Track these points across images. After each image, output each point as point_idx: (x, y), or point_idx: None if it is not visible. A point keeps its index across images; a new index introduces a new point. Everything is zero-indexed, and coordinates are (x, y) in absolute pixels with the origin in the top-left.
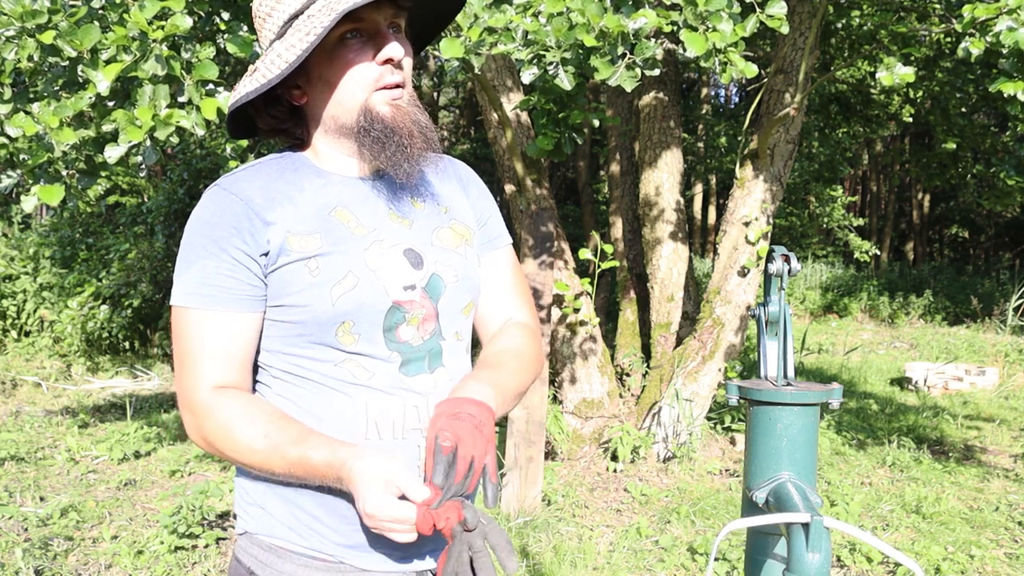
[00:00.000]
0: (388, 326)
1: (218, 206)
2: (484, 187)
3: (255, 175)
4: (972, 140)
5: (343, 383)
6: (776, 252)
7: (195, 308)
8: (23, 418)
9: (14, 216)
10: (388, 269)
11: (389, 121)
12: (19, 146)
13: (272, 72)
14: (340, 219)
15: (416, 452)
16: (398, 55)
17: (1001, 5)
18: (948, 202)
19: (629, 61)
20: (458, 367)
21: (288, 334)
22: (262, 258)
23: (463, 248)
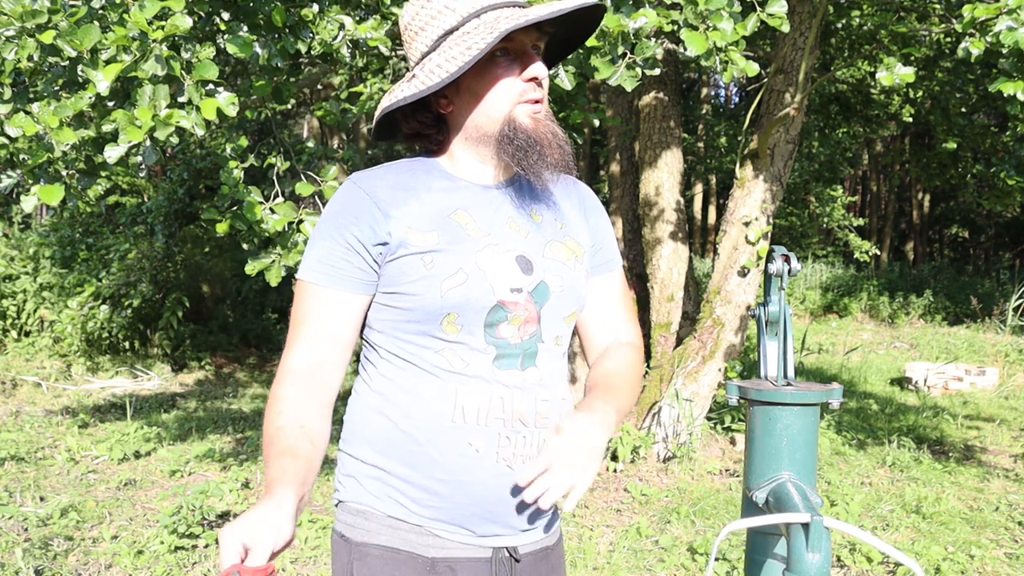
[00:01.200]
0: (490, 322)
1: (345, 197)
2: (604, 212)
3: (386, 172)
4: (972, 140)
5: (440, 369)
6: (776, 252)
7: (309, 282)
8: (23, 418)
9: (14, 216)
10: (498, 271)
11: (531, 132)
12: (19, 146)
13: (432, 80)
14: (459, 221)
15: (496, 439)
16: (542, 75)
17: (1001, 5)
18: (948, 202)
19: (629, 61)
20: (551, 369)
21: (398, 319)
22: (378, 247)
23: (572, 262)
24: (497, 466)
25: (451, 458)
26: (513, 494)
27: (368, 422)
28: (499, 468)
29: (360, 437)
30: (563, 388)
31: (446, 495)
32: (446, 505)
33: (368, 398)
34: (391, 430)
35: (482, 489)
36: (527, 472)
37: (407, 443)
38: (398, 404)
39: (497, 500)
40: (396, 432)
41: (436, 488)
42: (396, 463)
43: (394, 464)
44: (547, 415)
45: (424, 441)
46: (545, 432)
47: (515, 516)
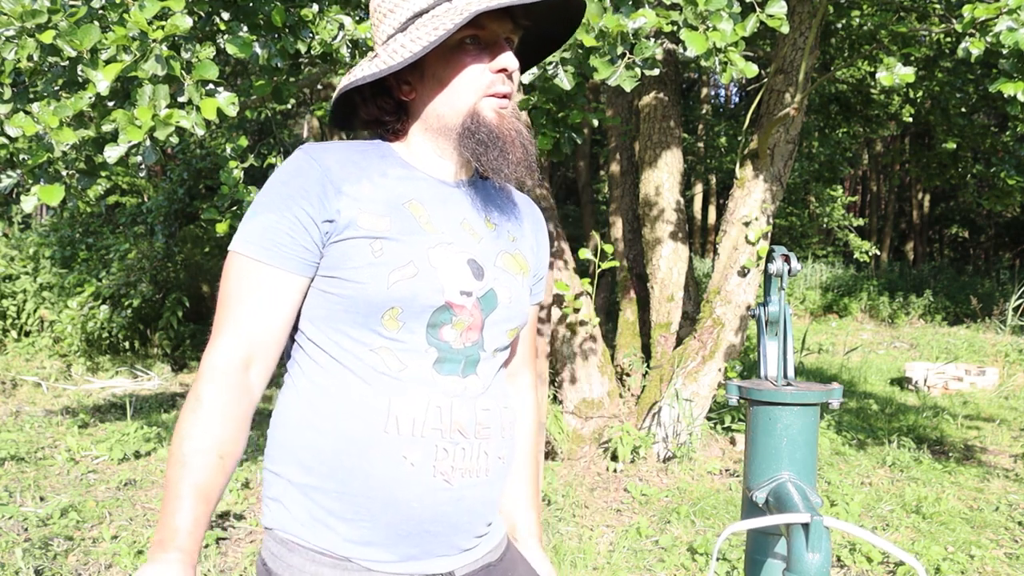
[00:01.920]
0: (433, 322)
1: (295, 167)
2: (548, 240)
3: (341, 148)
4: (972, 140)
5: (373, 372)
6: (776, 252)
7: (247, 256)
8: (23, 418)
9: (14, 216)
10: (449, 270)
11: (495, 127)
12: (19, 146)
13: (394, 60)
14: (413, 212)
15: (433, 451)
16: (511, 66)
17: (1001, 5)
18: (948, 202)
19: (629, 61)
20: (491, 381)
21: (335, 308)
22: (325, 224)
23: (520, 278)
24: (434, 481)
25: (383, 472)
26: (451, 511)
27: (296, 436)
28: (436, 483)
29: (288, 454)
30: (504, 398)
31: (378, 513)
32: (378, 525)
33: (296, 410)
34: (320, 443)
35: (418, 506)
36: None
37: (336, 456)
38: (327, 414)
39: (433, 518)
40: (325, 445)
41: (368, 506)
42: (325, 479)
43: (323, 480)
44: (488, 425)
45: (355, 454)
46: (485, 444)
47: (453, 535)
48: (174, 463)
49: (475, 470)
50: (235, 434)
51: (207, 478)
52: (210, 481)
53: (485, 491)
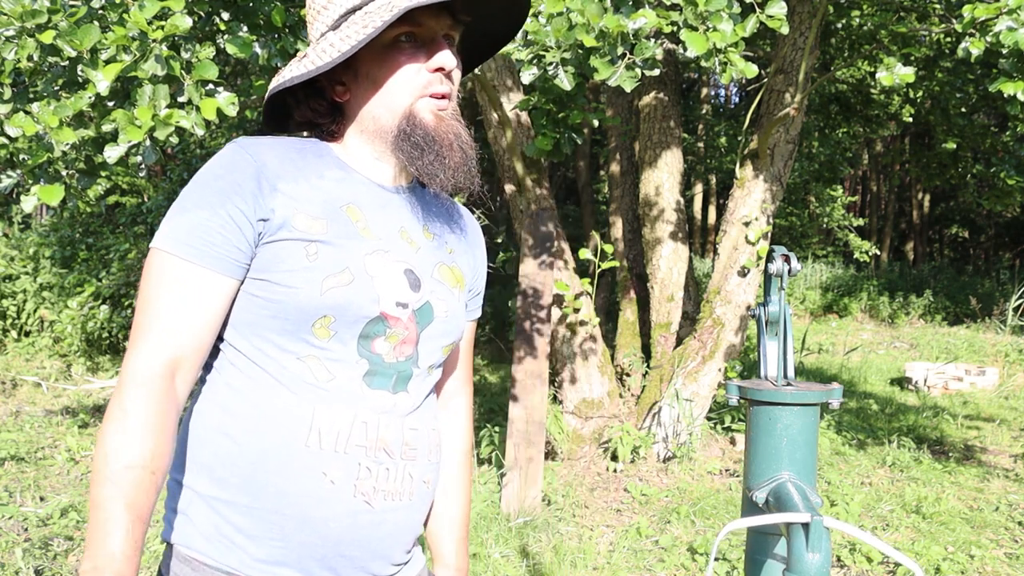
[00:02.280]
0: (366, 334)
1: (229, 160)
2: (485, 256)
3: (279, 144)
4: (972, 140)
5: (298, 381)
6: (776, 252)
7: (174, 255)
8: (23, 418)
9: (14, 216)
10: (385, 280)
11: (431, 129)
12: (19, 146)
13: (322, 59)
14: (350, 216)
15: (355, 469)
16: (450, 65)
17: (1001, 5)
18: (948, 202)
19: (629, 61)
20: (422, 400)
21: (262, 314)
22: (259, 224)
23: (457, 291)
24: (354, 501)
25: (301, 488)
26: (371, 535)
27: (207, 444)
28: (356, 504)
29: (197, 463)
30: (434, 419)
31: (291, 533)
32: (290, 545)
33: (209, 416)
34: (234, 453)
35: (335, 527)
36: None
37: (251, 468)
38: (244, 422)
39: (352, 541)
40: (240, 455)
41: (281, 524)
42: (237, 492)
43: (235, 493)
44: (415, 447)
45: (271, 467)
46: (410, 465)
47: (371, 561)
48: (102, 482)
49: (398, 493)
50: (165, 447)
51: (141, 496)
52: (144, 499)
53: (407, 516)
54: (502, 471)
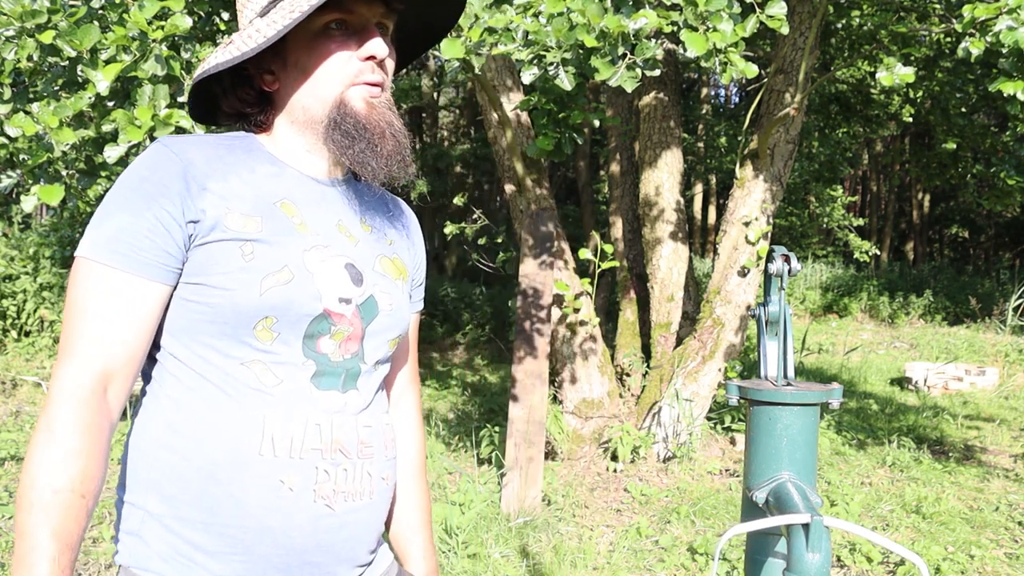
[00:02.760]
0: (310, 333)
1: (154, 161)
2: (423, 244)
3: (203, 141)
4: (972, 140)
5: (244, 388)
6: (776, 252)
7: (100, 263)
8: (23, 418)
9: (14, 216)
10: (326, 276)
11: (363, 118)
12: (19, 146)
13: (248, 45)
14: (285, 212)
15: (313, 474)
16: (381, 53)
17: (1001, 5)
18: (948, 202)
19: (629, 61)
20: (371, 395)
21: (200, 319)
22: (189, 226)
23: (400, 283)
24: (315, 507)
25: (259, 499)
26: (334, 539)
27: (153, 461)
28: (317, 509)
29: (144, 482)
30: (386, 414)
31: (252, 545)
32: (252, 558)
33: (153, 430)
34: (183, 468)
35: (297, 535)
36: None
37: (203, 483)
38: (191, 435)
39: (316, 547)
40: (189, 471)
41: (241, 537)
42: (190, 508)
43: (188, 510)
44: (370, 444)
45: (224, 480)
46: (368, 464)
47: (336, 565)
48: (28, 507)
49: (359, 492)
50: (95, 468)
51: (69, 522)
52: (73, 525)
53: (369, 515)
54: (502, 471)
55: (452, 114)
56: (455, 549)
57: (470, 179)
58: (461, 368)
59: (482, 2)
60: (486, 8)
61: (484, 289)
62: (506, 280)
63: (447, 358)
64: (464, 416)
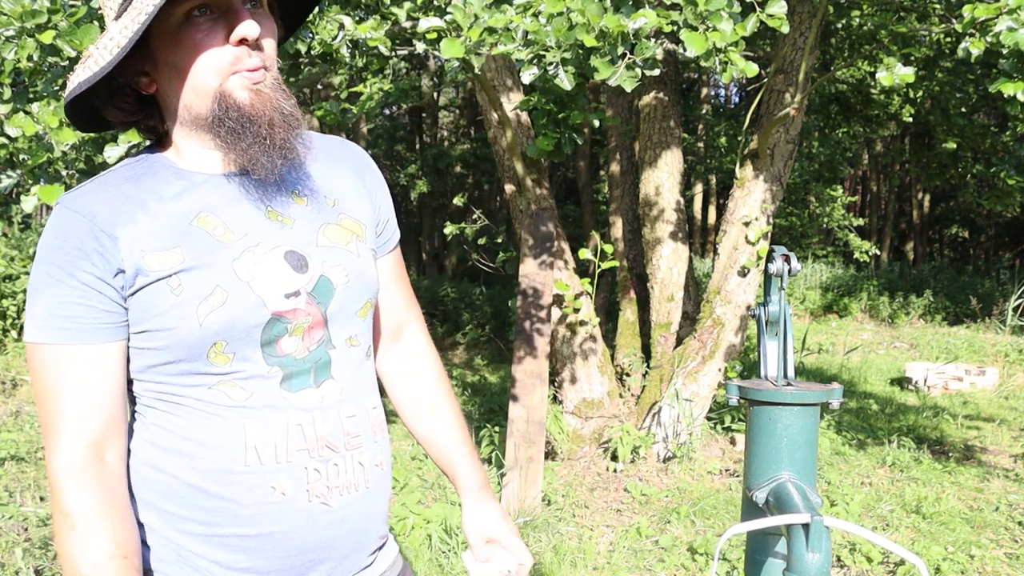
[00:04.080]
0: (267, 340)
1: (60, 227)
2: (381, 177)
3: (101, 187)
4: (972, 140)
5: (218, 406)
6: (776, 252)
7: (48, 344)
8: (23, 418)
9: (14, 216)
10: (264, 277)
11: (247, 108)
12: (19, 146)
13: (104, 59)
14: (204, 227)
15: (303, 475)
16: (253, 34)
17: (1001, 5)
18: (948, 202)
19: (629, 61)
20: (351, 377)
21: (155, 362)
22: (117, 278)
23: (354, 245)
24: (311, 506)
25: (254, 508)
26: (336, 534)
27: (145, 480)
28: (314, 508)
29: (140, 500)
30: (372, 396)
31: (255, 549)
32: (258, 563)
33: (141, 452)
34: (175, 485)
35: (297, 537)
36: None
37: (196, 498)
38: (177, 453)
39: (317, 544)
40: (181, 488)
41: (242, 544)
42: (189, 521)
43: (187, 523)
44: (357, 433)
45: (216, 494)
46: (357, 454)
47: (343, 560)
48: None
49: (353, 484)
50: (126, 528)
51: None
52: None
53: (368, 504)
54: (502, 471)
55: (452, 114)
56: (455, 549)
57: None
58: (461, 368)
59: (482, 2)
60: (485, 8)
61: (484, 289)
62: (506, 280)
63: (447, 358)
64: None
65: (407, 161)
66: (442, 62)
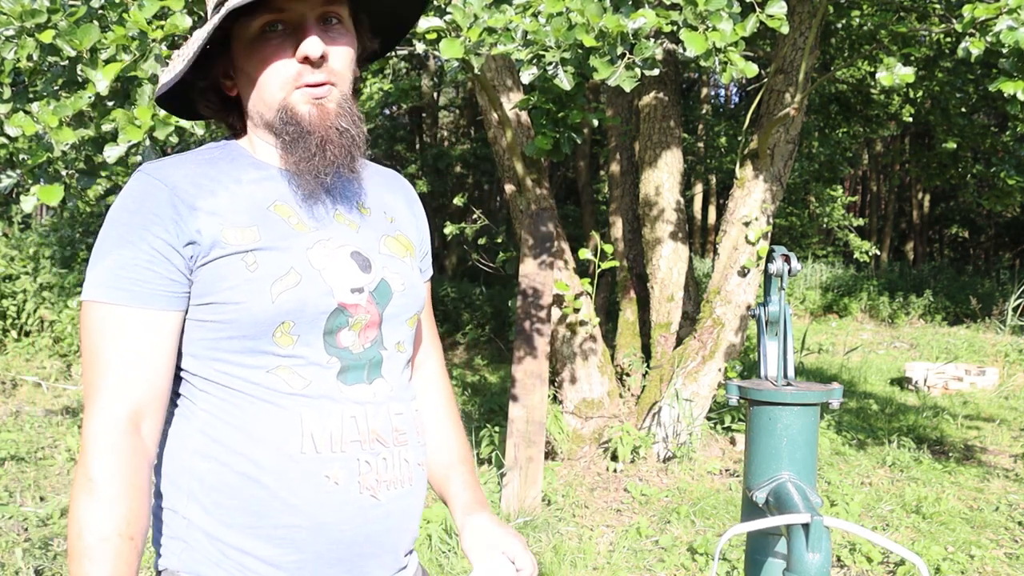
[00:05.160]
0: (329, 329)
1: (139, 192)
2: (423, 210)
3: (184, 161)
4: (972, 140)
5: (275, 393)
6: (776, 252)
7: (107, 303)
8: (23, 418)
9: (14, 216)
10: (334, 269)
11: (304, 123)
12: (19, 146)
13: (176, 68)
14: (280, 214)
15: (355, 466)
16: (314, 53)
17: (1001, 5)
18: (948, 202)
19: (628, 61)
20: (398, 378)
21: (218, 336)
22: (187, 248)
23: (408, 259)
24: (361, 498)
25: (307, 497)
26: (381, 529)
27: (192, 471)
28: (364, 500)
29: (185, 491)
30: (414, 400)
31: (304, 543)
32: (305, 556)
33: (189, 441)
34: (226, 475)
35: (348, 528)
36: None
37: (247, 489)
38: (229, 444)
39: (365, 539)
40: (232, 478)
41: (292, 536)
42: (236, 513)
43: (234, 515)
44: (404, 431)
45: (269, 482)
46: (404, 451)
47: (384, 555)
48: (79, 557)
49: (399, 480)
50: (140, 508)
51: (121, 566)
52: (124, 568)
53: (411, 502)
54: (502, 471)
55: (452, 114)
56: (455, 549)
57: (470, 179)
58: (461, 368)
59: (481, 2)
60: (485, 8)
61: (484, 289)
62: (506, 280)
63: (447, 358)
64: (464, 416)
65: (407, 161)
66: (442, 62)
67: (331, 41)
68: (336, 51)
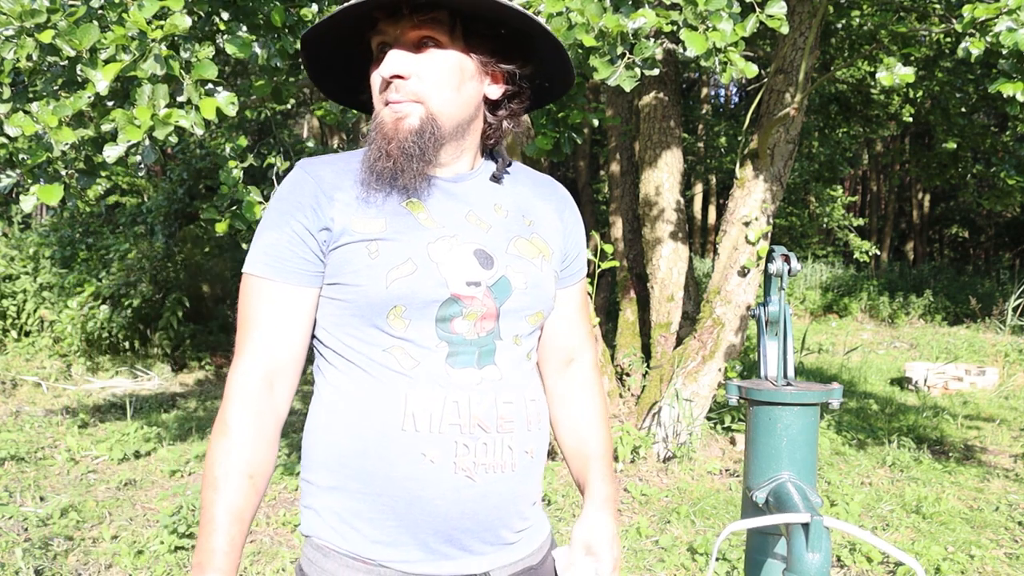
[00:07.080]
0: (442, 316)
1: (291, 182)
2: (580, 219)
3: (335, 160)
4: (972, 140)
5: (387, 371)
6: (776, 252)
7: (255, 276)
8: (23, 418)
9: (14, 216)
10: (452, 264)
11: (379, 134)
12: (18, 146)
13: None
14: (411, 210)
15: (452, 447)
16: (384, 71)
17: (1001, 5)
18: (948, 202)
19: (628, 61)
20: (512, 368)
21: (342, 313)
22: (322, 233)
23: (539, 260)
24: (455, 478)
25: (404, 472)
26: (478, 508)
27: (322, 442)
28: (458, 480)
29: (316, 461)
30: (532, 389)
31: (402, 512)
32: (403, 524)
33: (317, 417)
34: (342, 445)
35: (441, 504)
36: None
37: (357, 457)
38: (346, 415)
39: (460, 515)
40: (346, 447)
41: (392, 505)
42: (348, 480)
43: (347, 481)
44: (511, 419)
45: (373, 454)
46: (508, 438)
47: (483, 532)
48: (207, 487)
49: (499, 465)
50: (264, 454)
51: (239, 500)
52: (242, 502)
53: (513, 486)
54: None
55: None
56: None
57: None
58: None
59: None
60: None
61: None
62: None
63: None
64: None
65: None
66: None
67: (418, 63)
68: (424, 71)
